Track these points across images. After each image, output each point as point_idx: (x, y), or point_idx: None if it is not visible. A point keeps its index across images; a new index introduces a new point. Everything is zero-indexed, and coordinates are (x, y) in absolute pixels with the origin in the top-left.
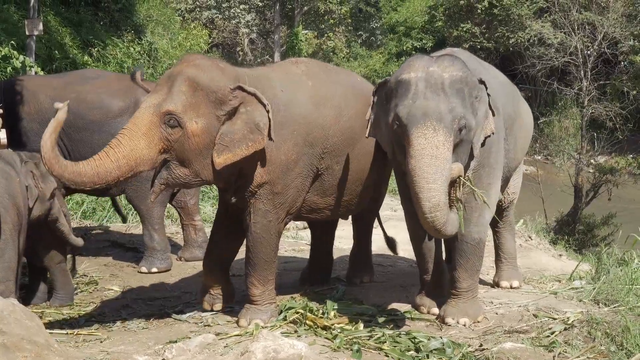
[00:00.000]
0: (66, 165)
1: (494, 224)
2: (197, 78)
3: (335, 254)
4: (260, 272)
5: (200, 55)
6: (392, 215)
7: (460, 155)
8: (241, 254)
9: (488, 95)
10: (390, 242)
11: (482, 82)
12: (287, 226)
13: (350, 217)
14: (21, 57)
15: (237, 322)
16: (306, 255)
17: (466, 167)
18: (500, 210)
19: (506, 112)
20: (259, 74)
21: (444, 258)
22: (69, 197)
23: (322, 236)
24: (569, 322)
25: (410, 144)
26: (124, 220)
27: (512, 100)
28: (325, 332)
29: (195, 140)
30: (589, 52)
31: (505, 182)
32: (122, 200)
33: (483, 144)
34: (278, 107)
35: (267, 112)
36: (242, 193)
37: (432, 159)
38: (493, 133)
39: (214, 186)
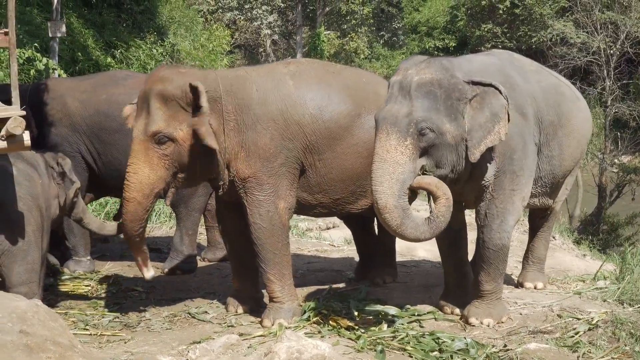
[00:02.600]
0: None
1: (534, 227)
2: (165, 90)
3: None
4: (273, 267)
5: (162, 67)
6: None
7: (443, 159)
8: None
9: (506, 99)
10: None
11: (487, 85)
12: (310, 226)
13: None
14: (44, 59)
15: (260, 322)
16: (330, 255)
17: (471, 172)
18: (542, 215)
19: (545, 118)
20: (235, 75)
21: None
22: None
23: (363, 229)
24: (593, 322)
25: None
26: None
27: (555, 106)
28: (348, 332)
29: (187, 145)
30: (611, 51)
31: (554, 189)
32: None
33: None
34: (251, 105)
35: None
36: (232, 188)
37: (381, 162)
38: (500, 139)
39: None
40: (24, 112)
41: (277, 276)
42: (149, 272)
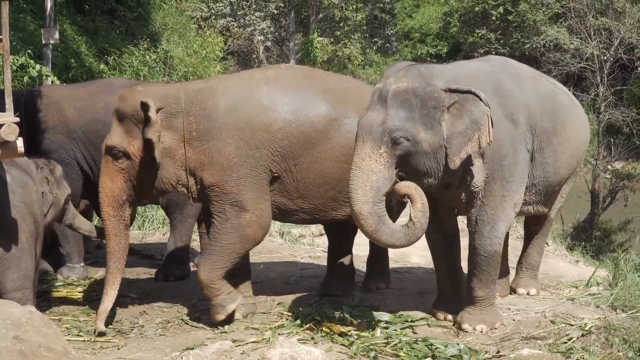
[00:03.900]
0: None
1: (528, 233)
2: (120, 109)
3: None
4: (211, 262)
5: (133, 86)
6: None
7: (421, 166)
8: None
9: (486, 106)
10: None
11: (465, 92)
12: (303, 233)
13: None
14: (38, 66)
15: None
16: (323, 261)
17: (461, 178)
18: (537, 222)
19: (539, 125)
20: (203, 86)
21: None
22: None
23: (339, 243)
24: (587, 328)
25: None
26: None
27: (551, 113)
28: (342, 338)
29: (138, 160)
30: (605, 57)
31: (548, 196)
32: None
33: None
34: (216, 114)
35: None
36: (200, 196)
37: (356, 170)
38: (480, 146)
39: None
40: (17, 119)
41: (207, 269)
42: (101, 325)
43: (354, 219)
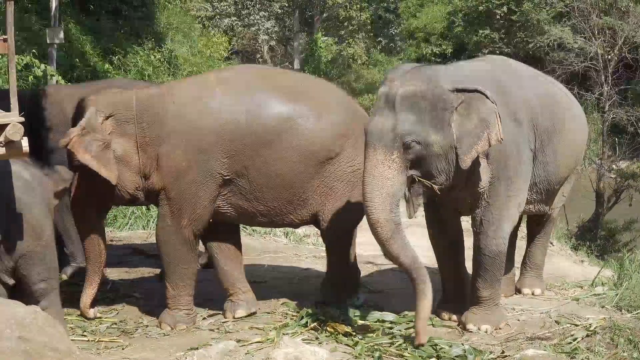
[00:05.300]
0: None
1: (531, 233)
2: (84, 121)
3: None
4: (170, 275)
5: (88, 96)
6: (412, 222)
7: (433, 169)
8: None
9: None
10: None
11: (472, 91)
12: (307, 232)
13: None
14: (42, 66)
15: (159, 323)
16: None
17: (466, 179)
18: (539, 222)
19: (540, 125)
20: (155, 92)
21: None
22: None
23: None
24: (592, 328)
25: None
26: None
27: (550, 113)
28: (346, 338)
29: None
30: (609, 56)
31: (549, 195)
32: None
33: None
34: (166, 118)
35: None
36: (153, 201)
37: (369, 177)
38: (490, 144)
39: None
40: (22, 119)
41: (172, 285)
42: (92, 313)
43: (370, 227)
